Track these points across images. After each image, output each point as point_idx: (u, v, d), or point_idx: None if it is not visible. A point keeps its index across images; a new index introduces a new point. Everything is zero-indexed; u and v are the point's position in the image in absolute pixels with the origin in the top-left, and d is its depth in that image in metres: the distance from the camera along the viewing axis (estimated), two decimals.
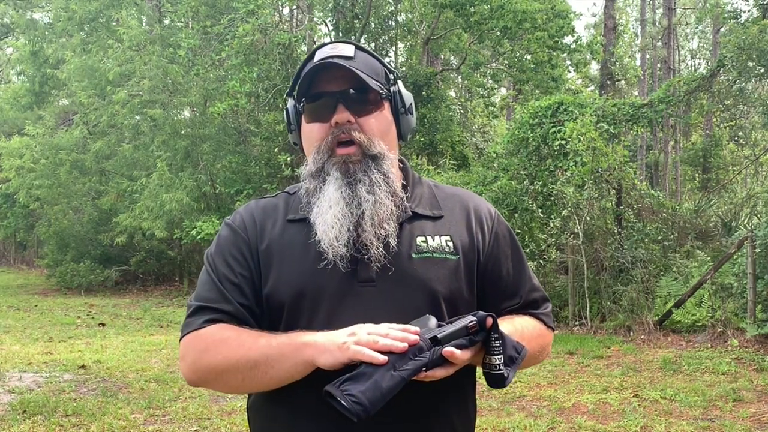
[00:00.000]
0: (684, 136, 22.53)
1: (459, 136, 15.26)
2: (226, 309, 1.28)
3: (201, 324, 1.27)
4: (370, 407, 1.09)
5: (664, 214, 9.77)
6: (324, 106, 1.31)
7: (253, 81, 12.06)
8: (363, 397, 1.08)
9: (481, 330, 1.18)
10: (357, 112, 1.31)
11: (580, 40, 15.06)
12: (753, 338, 7.03)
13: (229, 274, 1.30)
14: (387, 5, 16.63)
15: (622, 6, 28.77)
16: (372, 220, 1.26)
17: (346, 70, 1.29)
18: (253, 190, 12.39)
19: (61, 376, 6.22)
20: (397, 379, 1.11)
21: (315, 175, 1.32)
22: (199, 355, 1.26)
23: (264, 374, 1.21)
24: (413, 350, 1.14)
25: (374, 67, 1.36)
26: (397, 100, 1.38)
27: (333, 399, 1.12)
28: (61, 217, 14.88)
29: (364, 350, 1.11)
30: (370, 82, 1.31)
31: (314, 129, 1.34)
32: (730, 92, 10.82)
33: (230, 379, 1.24)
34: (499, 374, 1.18)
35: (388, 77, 1.38)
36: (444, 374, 1.17)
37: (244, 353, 1.22)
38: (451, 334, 1.16)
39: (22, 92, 19.52)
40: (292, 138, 1.44)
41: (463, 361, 1.17)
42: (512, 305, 1.39)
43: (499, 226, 1.42)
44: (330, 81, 1.31)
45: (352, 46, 1.35)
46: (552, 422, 4.81)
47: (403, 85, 1.42)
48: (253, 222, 1.36)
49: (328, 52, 1.32)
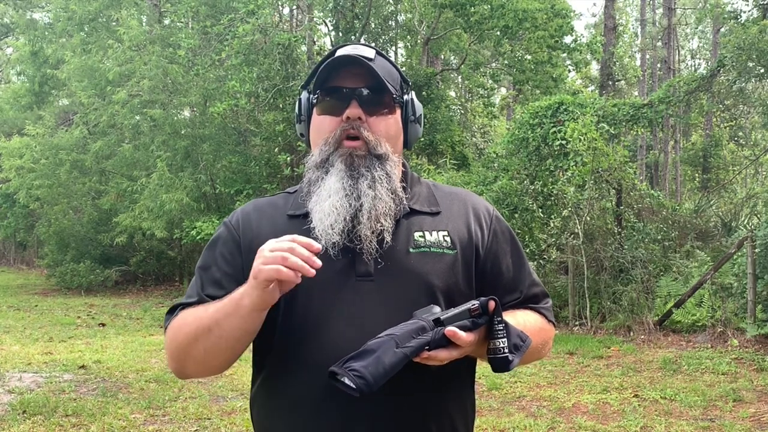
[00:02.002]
0: (684, 136, 22.54)
1: (459, 136, 15.26)
2: (194, 300, 1.33)
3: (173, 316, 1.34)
4: (373, 382, 1.10)
5: (664, 214, 9.78)
6: (338, 100, 1.34)
7: (253, 81, 12.05)
8: (366, 372, 1.10)
9: (484, 314, 1.19)
10: (369, 111, 1.33)
11: (579, 40, 15.06)
12: (753, 338, 7.03)
13: (213, 271, 1.35)
14: (387, 5, 16.65)
15: (622, 6, 28.78)
16: (369, 214, 1.28)
17: (365, 68, 1.32)
18: (253, 190, 12.39)
19: (61, 376, 6.22)
20: (400, 356, 1.12)
21: (319, 165, 1.34)
22: (170, 343, 1.33)
23: (219, 337, 1.24)
24: (416, 330, 1.15)
25: (391, 72, 1.39)
26: (409, 108, 1.41)
27: (336, 380, 1.13)
28: (61, 217, 14.87)
29: (279, 268, 1.13)
30: (387, 84, 1.34)
31: (325, 121, 1.36)
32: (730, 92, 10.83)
33: (196, 352, 1.28)
34: (503, 357, 1.19)
35: (402, 86, 1.41)
36: (447, 357, 1.17)
37: (198, 323, 1.26)
38: (454, 316, 1.18)
39: (22, 92, 19.51)
40: (299, 129, 1.46)
41: (466, 343, 1.17)
42: (513, 300, 1.40)
43: (497, 224, 1.43)
44: (347, 77, 1.33)
45: (373, 49, 1.38)
46: (552, 422, 4.81)
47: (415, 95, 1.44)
48: (248, 221, 1.38)
49: (350, 51, 1.35)
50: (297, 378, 1.27)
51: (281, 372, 1.31)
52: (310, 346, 1.27)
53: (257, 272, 1.15)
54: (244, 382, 5.79)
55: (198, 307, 1.30)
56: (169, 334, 1.33)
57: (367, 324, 1.24)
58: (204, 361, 1.30)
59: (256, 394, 1.39)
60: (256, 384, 1.39)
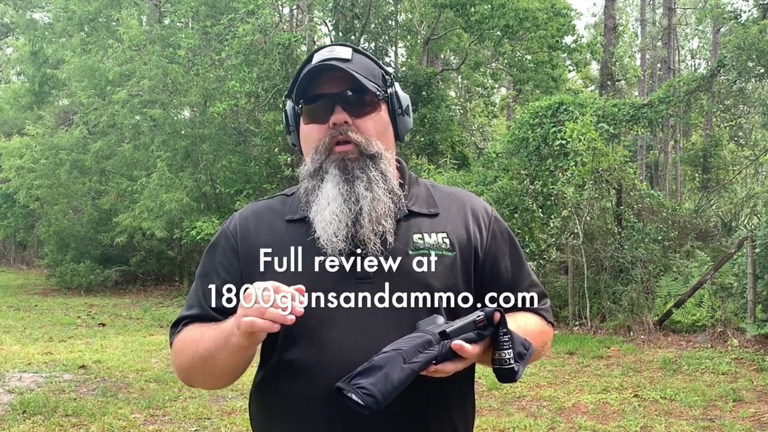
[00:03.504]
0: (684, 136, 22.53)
1: (459, 136, 15.25)
2: (195, 313, 1.34)
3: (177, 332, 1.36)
4: (382, 399, 1.09)
5: (664, 214, 9.77)
6: (322, 108, 1.33)
7: (253, 81, 12.05)
8: (374, 389, 1.09)
9: (489, 325, 1.19)
10: (354, 114, 1.33)
11: (580, 40, 15.06)
12: (753, 338, 7.03)
13: (213, 279, 1.35)
14: (387, 5, 16.64)
15: (622, 6, 28.77)
16: (370, 216, 1.28)
17: (343, 72, 1.31)
18: (253, 190, 12.38)
19: (61, 376, 6.22)
20: (408, 371, 1.12)
21: (313, 174, 1.34)
22: (175, 361, 1.37)
23: (215, 366, 1.27)
24: (423, 344, 1.15)
25: (371, 69, 1.38)
26: (394, 101, 1.40)
27: (344, 396, 1.12)
28: (61, 217, 14.87)
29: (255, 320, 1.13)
30: (367, 84, 1.33)
31: (312, 130, 1.35)
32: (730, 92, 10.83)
33: (197, 376, 1.33)
34: (509, 368, 1.19)
35: (384, 79, 1.40)
36: (454, 369, 1.18)
37: (195, 352, 1.29)
38: (460, 329, 1.18)
39: (22, 92, 19.50)
40: (290, 139, 1.46)
41: (472, 356, 1.18)
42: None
43: (496, 224, 1.43)
44: (327, 83, 1.33)
45: (349, 48, 1.37)
46: (552, 422, 4.81)
47: (402, 86, 1.44)
48: (246, 227, 1.38)
49: (326, 55, 1.34)
50: (297, 380, 1.27)
51: (281, 373, 1.31)
52: (310, 349, 1.27)
53: (238, 323, 1.17)
54: (244, 382, 5.78)
55: (197, 330, 1.31)
56: (174, 353, 1.37)
57: (367, 326, 1.24)
58: (205, 382, 1.37)
59: (255, 394, 1.39)
60: (255, 385, 1.39)
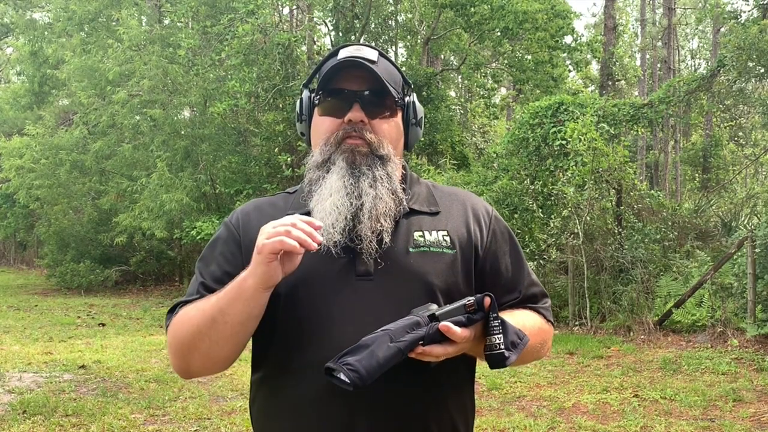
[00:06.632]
0: (684, 136, 22.53)
1: (459, 136, 15.26)
2: (194, 298, 1.33)
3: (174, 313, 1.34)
4: (367, 375, 1.10)
5: (664, 214, 9.77)
6: (340, 103, 1.34)
7: (252, 81, 12.05)
8: (359, 365, 1.10)
9: (480, 310, 1.19)
10: (371, 114, 1.34)
11: (579, 39, 15.06)
12: (753, 338, 7.03)
13: (214, 269, 1.35)
14: (387, 5, 16.63)
15: (622, 6, 28.78)
16: (370, 213, 1.28)
17: (368, 71, 1.32)
18: (253, 190, 12.38)
19: (61, 376, 6.22)
20: (394, 350, 1.12)
21: (320, 165, 1.34)
22: (173, 339, 1.32)
23: (224, 324, 1.23)
24: (410, 325, 1.15)
25: (393, 74, 1.39)
26: (410, 110, 1.42)
27: (332, 376, 1.13)
28: (61, 217, 14.87)
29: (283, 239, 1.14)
30: (389, 87, 1.34)
31: (326, 122, 1.36)
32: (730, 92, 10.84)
33: (201, 344, 1.27)
34: (499, 353, 1.19)
35: (404, 87, 1.42)
36: (443, 352, 1.18)
37: (201, 315, 1.26)
38: (449, 312, 1.18)
39: (22, 92, 19.51)
40: (300, 128, 1.46)
41: (461, 338, 1.17)
42: (512, 300, 1.41)
43: (496, 224, 1.44)
44: (350, 80, 1.34)
45: (375, 51, 1.38)
46: (552, 422, 4.81)
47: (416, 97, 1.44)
48: (248, 220, 1.39)
49: (353, 52, 1.35)
50: (296, 377, 1.27)
51: (280, 371, 1.31)
52: (309, 346, 1.27)
53: (261, 247, 1.16)
54: (244, 382, 5.79)
55: (200, 302, 1.29)
56: (172, 331, 1.32)
57: (367, 323, 1.24)
58: (209, 353, 1.28)
59: (255, 394, 1.39)
60: (255, 384, 1.39)
